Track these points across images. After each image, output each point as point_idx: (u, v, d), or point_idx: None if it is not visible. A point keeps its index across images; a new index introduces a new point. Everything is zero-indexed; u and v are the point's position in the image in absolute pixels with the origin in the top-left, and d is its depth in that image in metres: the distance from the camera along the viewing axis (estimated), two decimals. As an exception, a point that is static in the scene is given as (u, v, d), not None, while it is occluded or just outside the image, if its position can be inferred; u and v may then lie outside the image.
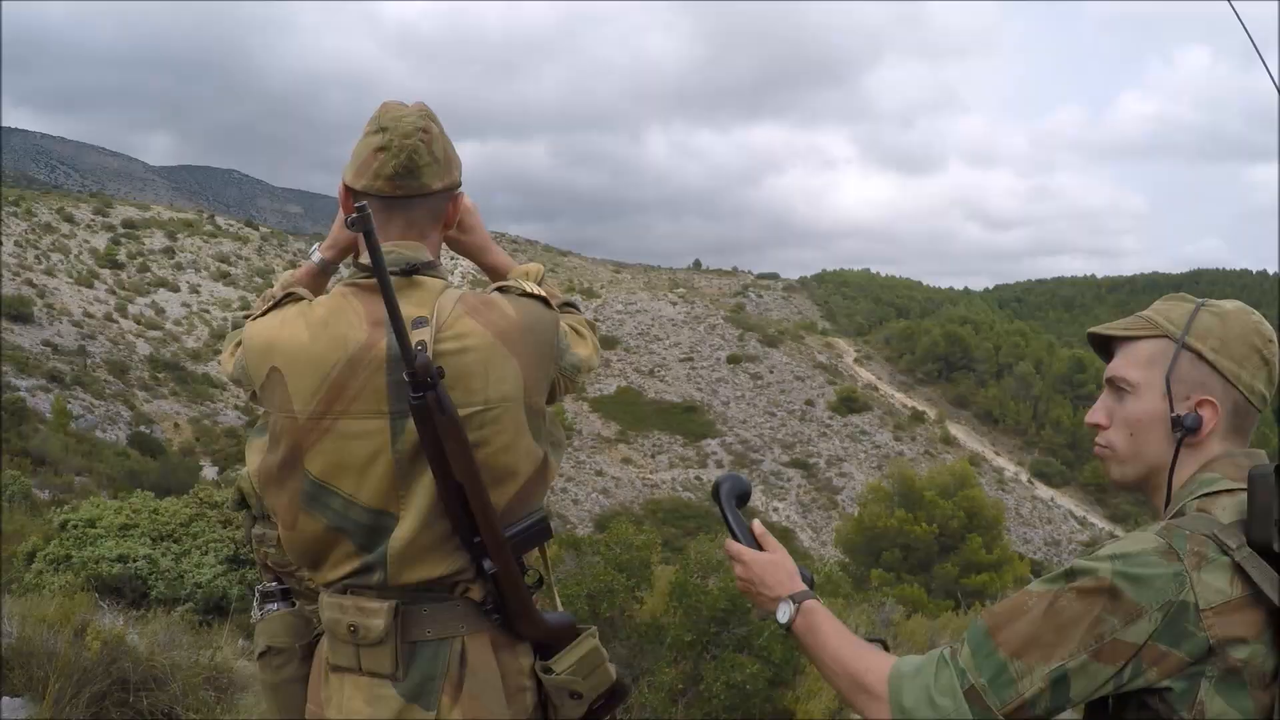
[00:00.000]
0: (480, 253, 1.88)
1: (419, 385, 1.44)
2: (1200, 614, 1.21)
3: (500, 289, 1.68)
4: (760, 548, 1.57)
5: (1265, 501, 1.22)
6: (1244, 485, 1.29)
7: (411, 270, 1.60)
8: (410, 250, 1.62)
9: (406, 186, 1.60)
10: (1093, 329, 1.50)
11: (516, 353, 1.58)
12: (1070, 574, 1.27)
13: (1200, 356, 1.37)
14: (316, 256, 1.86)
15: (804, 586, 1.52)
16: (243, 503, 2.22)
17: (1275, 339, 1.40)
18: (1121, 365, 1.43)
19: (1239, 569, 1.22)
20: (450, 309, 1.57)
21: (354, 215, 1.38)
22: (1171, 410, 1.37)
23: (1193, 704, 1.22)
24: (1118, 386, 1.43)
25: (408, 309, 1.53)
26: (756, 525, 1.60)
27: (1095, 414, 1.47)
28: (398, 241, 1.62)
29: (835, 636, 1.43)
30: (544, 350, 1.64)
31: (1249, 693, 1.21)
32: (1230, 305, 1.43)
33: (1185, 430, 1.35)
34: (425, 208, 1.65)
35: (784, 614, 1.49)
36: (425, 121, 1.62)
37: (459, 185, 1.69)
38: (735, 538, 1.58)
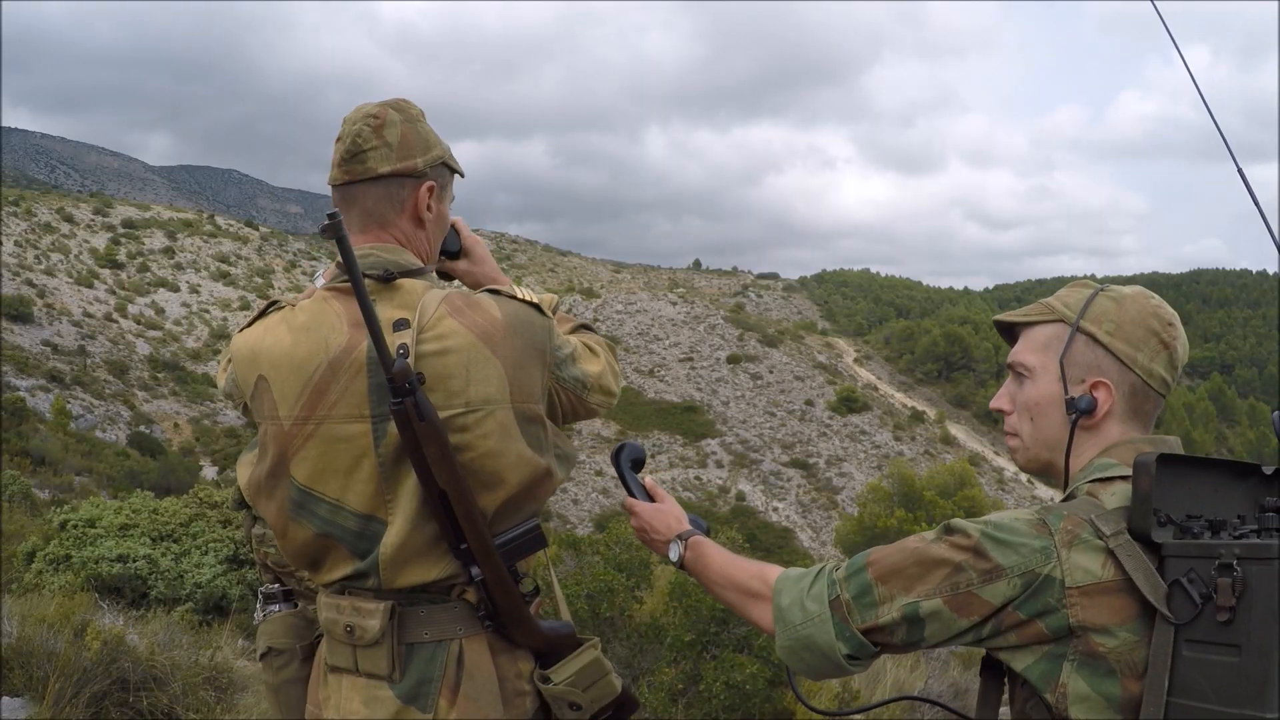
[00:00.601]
0: (491, 284, 1.83)
1: (397, 391, 1.43)
2: (1065, 591, 1.20)
3: (491, 291, 1.63)
4: (653, 500, 1.73)
5: (1146, 490, 1.20)
6: None
7: (389, 276, 1.57)
8: (388, 253, 1.60)
9: (352, 171, 1.59)
10: (997, 317, 1.52)
11: (499, 354, 1.53)
12: (947, 529, 1.31)
13: (1094, 339, 1.36)
14: (320, 281, 1.86)
15: (690, 528, 1.66)
16: (242, 503, 2.22)
17: (1176, 322, 1.39)
18: (1021, 350, 1.44)
19: (1112, 554, 1.20)
20: (433, 310, 1.53)
21: (324, 224, 1.37)
22: (1066, 393, 1.37)
23: (1055, 685, 1.22)
24: (1018, 372, 1.45)
25: (390, 311, 1.53)
26: (648, 480, 1.77)
27: (999, 399, 1.48)
28: (375, 245, 1.61)
29: (721, 558, 1.55)
30: (531, 354, 1.57)
31: (1119, 681, 1.19)
32: (1130, 290, 1.42)
33: (1079, 412, 1.35)
34: (377, 193, 1.61)
35: (674, 553, 1.63)
36: (380, 109, 1.62)
37: (421, 172, 1.62)
38: (631, 494, 1.76)
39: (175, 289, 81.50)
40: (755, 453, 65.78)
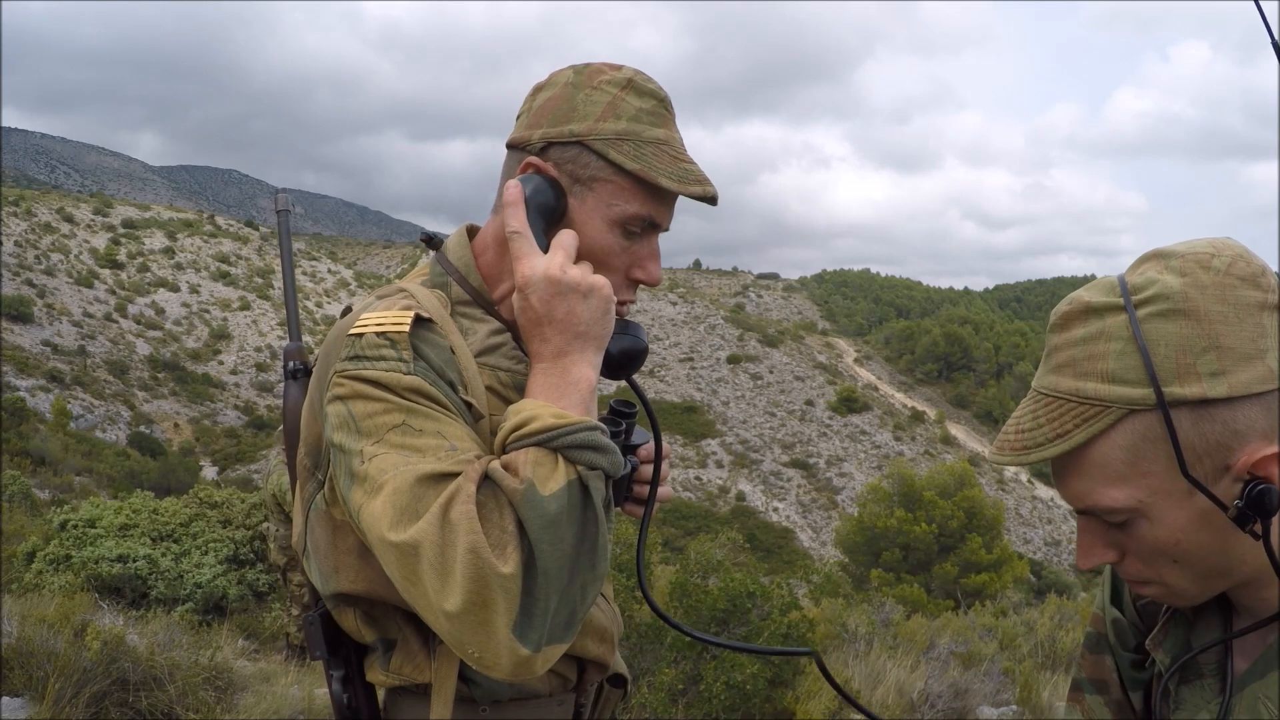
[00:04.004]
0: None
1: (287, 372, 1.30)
2: None
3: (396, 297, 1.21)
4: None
5: None
6: None
7: (428, 240, 1.34)
8: (451, 241, 1.33)
9: None
10: (999, 458, 0.91)
11: (320, 358, 1.23)
12: None
13: (1204, 403, 0.82)
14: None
15: None
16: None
17: (1258, 259, 0.87)
18: (1091, 491, 0.88)
19: None
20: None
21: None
22: (1223, 507, 0.84)
23: None
24: (1110, 522, 0.91)
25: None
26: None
27: (1093, 557, 0.94)
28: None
29: None
30: (317, 382, 1.19)
31: None
32: (1174, 280, 0.85)
33: (1266, 516, 0.84)
34: (503, 169, 1.29)
35: None
36: (565, 69, 1.26)
37: (530, 145, 1.22)
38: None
39: (175, 289, 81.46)
40: (755, 453, 65.78)
